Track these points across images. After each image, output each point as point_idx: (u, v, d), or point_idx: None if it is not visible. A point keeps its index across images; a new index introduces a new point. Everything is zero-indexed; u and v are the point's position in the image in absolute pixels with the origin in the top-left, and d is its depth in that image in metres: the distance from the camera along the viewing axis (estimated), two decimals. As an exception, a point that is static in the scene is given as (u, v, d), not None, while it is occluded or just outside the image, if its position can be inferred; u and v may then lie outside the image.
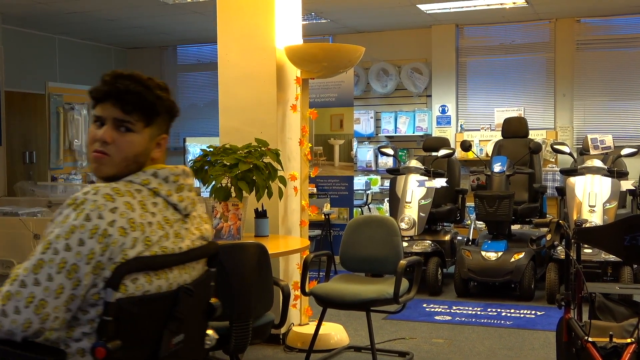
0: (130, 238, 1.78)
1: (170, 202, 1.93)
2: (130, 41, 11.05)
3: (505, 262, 6.30)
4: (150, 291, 1.83)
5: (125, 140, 1.89)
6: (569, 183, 6.59)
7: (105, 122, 1.90)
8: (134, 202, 1.83)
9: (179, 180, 1.97)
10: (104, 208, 1.76)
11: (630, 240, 3.24)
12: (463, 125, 9.75)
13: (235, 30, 5.03)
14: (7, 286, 1.74)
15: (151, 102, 1.90)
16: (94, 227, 1.73)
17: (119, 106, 1.87)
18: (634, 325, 3.05)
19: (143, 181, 1.90)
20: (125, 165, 1.90)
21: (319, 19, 9.21)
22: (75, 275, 1.73)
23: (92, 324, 1.77)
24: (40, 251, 1.75)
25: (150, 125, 1.92)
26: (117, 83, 1.88)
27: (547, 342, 5.00)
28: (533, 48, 9.65)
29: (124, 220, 1.77)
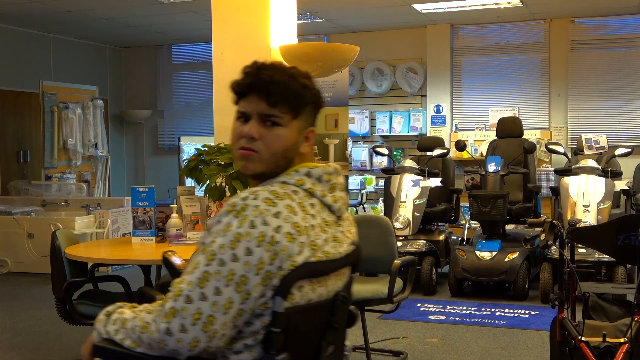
0: (297, 243, 1.65)
1: (325, 203, 1.79)
2: (125, 40, 11.03)
3: (499, 262, 6.31)
4: (313, 299, 1.71)
5: (273, 135, 1.76)
6: (563, 183, 6.61)
7: (250, 117, 1.78)
8: (294, 204, 1.69)
9: (332, 180, 1.82)
10: (267, 213, 1.63)
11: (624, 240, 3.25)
12: (458, 125, 9.76)
13: (230, 29, 5.02)
14: (170, 302, 1.61)
15: (297, 92, 1.76)
16: (261, 235, 1.61)
17: (264, 98, 1.75)
18: (627, 325, 3.06)
19: (297, 181, 1.76)
20: (274, 161, 1.77)
21: (314, 19, 9.21)
22: (245, 287, 1.60)
23: (255, 335, 1.66)
24: (205, 263, 1.61)
25: (298, 117, 1.78)
26: (261, 74, 1.77)
27: (541, 342, 5.01)
28: (528, 48, 9.66)
29: (289, 225, 1.65)
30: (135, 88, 11.66)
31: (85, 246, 4.40)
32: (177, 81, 11.55)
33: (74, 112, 10.02)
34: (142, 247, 4.11)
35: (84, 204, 8.48)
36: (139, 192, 4.26)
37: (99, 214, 8.03)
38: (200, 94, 11.27)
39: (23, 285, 7.40)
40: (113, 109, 11.36)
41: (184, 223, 4.15)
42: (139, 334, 1.64)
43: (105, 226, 7.91)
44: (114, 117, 11.38)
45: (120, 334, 1.69)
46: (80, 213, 8.20)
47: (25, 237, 7.98)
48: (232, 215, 1.64)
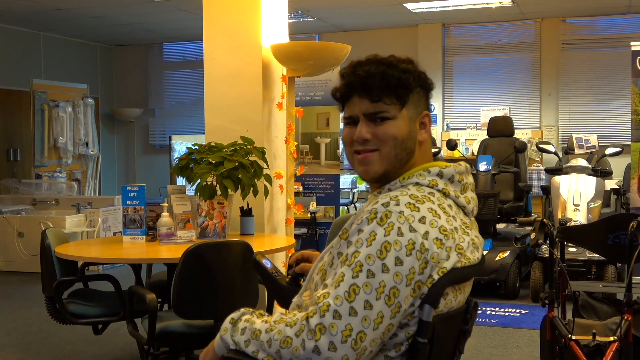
0: (445, 248, 1.55)
1: (459, 204, 1.69)
2: (116, 38, 11.00)
3: (490, 261, 6.32)
4: (453, 307, 1.63)
5: (386, 129, 1.65)
6: (554, 182, 6.62)
7: (357, 120, 1.68)
8: (435, 207, 1.60)
9: (464, 180, 1.72)
10: (412, 219, 1.53)
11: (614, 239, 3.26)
12: (449, 124, 9.78)
13: (221, 28, 5.01)
14: (316, 318, 1.47)
15: (399, 79, 1.65)
16: (410, 242, 1.50)
17: (365, 96, 1.66)
18: (617, 323, 3.07)
19: (431, 182, 1.66)
20: (394, 156, 1.66)
21: (305, 17, 9.20)
22: (395, 300, 1.49)
23: (399, 347, 1.56)
24: (351, 275, 1.49)
25: (406, 104, 1.67)
26: (357, 71, 1.67)
27: (531, 341, 5.02)
28: (519, 47, 9.68)
29: (436, 229, 1.55)
30: (126, 86, 11.63)
31: (76, 245, 4.38)
32: (168, 80, 11.53)
33: (64, 110, 9.98)
34: (133, 246, 4.10)
35: (74, 202, 8.45)
36: (130, 191, 4.24)
37: (90, 212, 8.01)
38: (191, 93, 11.24)
39: (13, 284, 7.37)
40: (104, 108, 11.33)
41: (175, 222, 4.14)
42: (278, 348, 1.50)
43: (95, 225, 7.88)
44: (104, 115, 11.34)
45: (252, 346, 1.55)
46: (70, 212, 8.17)
47: (15, 236, 7.94)
48: (376, 222, 1.53)
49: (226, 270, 3.31)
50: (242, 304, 3.37)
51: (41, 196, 8.93)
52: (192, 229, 4.14)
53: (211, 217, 4.17)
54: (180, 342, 3.41)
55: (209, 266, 3.27)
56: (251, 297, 3.46)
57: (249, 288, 3.44)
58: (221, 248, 3.36)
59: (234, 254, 3.37)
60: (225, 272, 3.30)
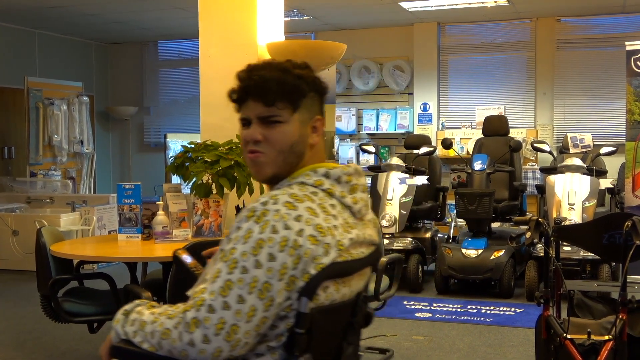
0: (322, 245, 1.63)
1: (345, 204, 1.76)
2: (111, 36, 10.98)
3: (485, 260, 6.33)
4: (337, 300, 1.71)
5: (277, 133, 1.74)
6: (549, 181, 6.64)
7: (251, 122, 1.77)
8: (314, 206, 1.67)
9: (352, 181, 1.80)
10: (288, 217, 1.61)
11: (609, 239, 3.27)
12: (444, 123, 9.79)
13: (217, 26, 5.01)
14: (192, 312, 1.58)
15: (292, 85, 1.74)
16: (283, 239, 1.59)
17: (259, 100, 1.74)
18: (612, 322, 3.08)
19: (315, 182, 1.74)
20: (283, 158, 1.75)
21: (301, 16, 9.20)
22: (268, 294, 1.58)
23: (279, 338, 1.65)
24: (227, 271, 1.59)
25: (298, 109, 1.76)
26: (252, 76, 1.75)
27: (526, 339, 5.04)
28: (514, 47, 9.69)
29: (311, 227, 1.62)
30: (121, 84, 11.61)
31: (71, 243, 4.37)
32: (163, 78, 11.50)
33: (59, 108, 9.95)
34: (128, 244, 4.09)
35: (69, 201, 8.43)
36: (125, 189, 4.24)
37: (85, 211, 7.99)
38: (186, 91, 11.22)
39: (7, 283, 7.35)
40: (99, 106, 11.31)
41: (170, 220, 4.14)
42: (159, 339, 1.61)
43: (90, 223, 7.87)
44: (99, 113, 11.32)
45: (139, 337, 1.65)
46: (65, 210, 8.15)
47: (9, 234, 7.93)
48: (253, 220, 1.61)
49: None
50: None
51: (36, 194, 8.91)
52: (188, 228, 4.14)
53: (207, 215, 4.17)
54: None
55: (205, 265, 3.25)
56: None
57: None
58: (217, 246, 3.35)
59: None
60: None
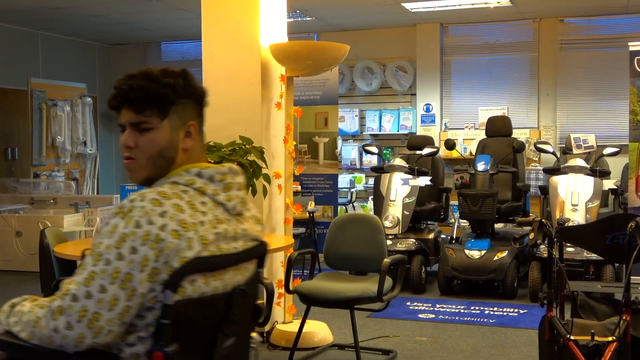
0: (184, 239, 1.72)
1: (218, 201, 1.86)
2: (114, 37, 10.99)
3: (488, 261, 6.32)
4: (207, 293, 1.78)
5: (146, 140, 1.84)
6: (552, 182, 6.63)
7: (126, 128, 1.87)
8: (182, 203, 1.76)
9: (226, 179, 1.89)
10: (152, 213, 1.70)
11: (612, 239, 3.27)
12: (447, 124, 9.78)
13: (220, 27, 5.01)
14: (58, 301, 1.69)
15: (157, 93, 1.84)
16: (145, 234, 1.68)
17: (131, 108, 1.84)
18: (616, 323, 3.07)
19: (188, 181, 1.84)
20: (153, 163, 1.86)
21: (304, 17, 9.20)
22: (130, 284, 1.67)
23: (148, 328, 1.73)
24: (92, 263, 1.70)
25: (168, 116, 1.86)
26: (122, 85, 1.86)
27: (529, 340, 5.03)
28: (517, 47, 9.68)
29: (174, 222, 1.71)
30: (125, 86, 11.61)
31: (74, 244, 4.38)
32: (166, 79, 11.50)
33: (62, 109, 9.97)
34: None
35: (72, 202, 8.45)
36: (128, 190, 4.24)
37: (88, 212, 8.00)
38: (189, 92, 11.22)
39: (11, 284, 7.36)
40: (102, 107, 11.31)
41: (174, 221, 4.14)
42: (32, 327, 1.72)
43: (94, 224, 7.87)
44: (102, 114, 11.32)
45: (18, 326, 1.76)
46: (69, 211, 8.16)
47: (13, 235, 7.94)
48: (119, 217, 1.71)
49: (225, 270, 3.30)
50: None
51: (39, 195, 8.93)
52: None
53: (210, 216, 4.17)
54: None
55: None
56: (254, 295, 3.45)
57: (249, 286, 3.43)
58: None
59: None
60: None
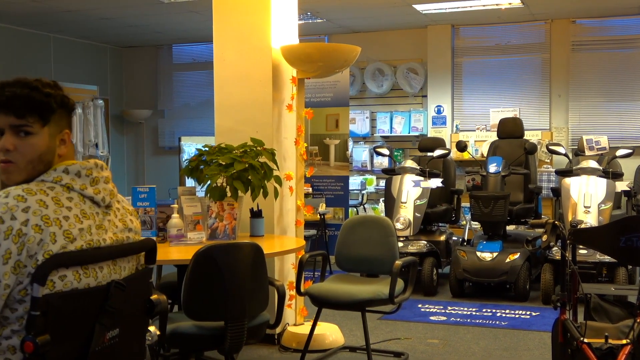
0: (47, 234, 1.80)
1: (86, 195, 1.95)
2: (126, 40, 11.03)
3: (500, 263, 6.30)
4: (78, 287, 1.85)
5: (27, 144, 1.92)
6: (564, 184, 6.60)
7: (4, 132, 1.93)
8: (46, 199, 1.85)
9: (92, 174, 1.99)
10: (16, 209, 1.79)
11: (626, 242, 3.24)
12: (458, 126, 9.76)
13: (231, 29, 5.02)
14: None
15: (41, 101, 1.92)
16: (8, 229, 1.77)
17: (11, 113, 1.90)
18: (630, 326, 3.05)
19: (55, 179, 1.92)
20: (32, 167, 1.93)
21: (315, 19, 9.20)
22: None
23: (21, 321, 1.80)
24: None
25: (48, 123, 1.95)
26: (5, 92, 1.91)
27: (542, 343, 5.01)
28: (528, 49, 9.65)
29: (37, 217, 1.80)
30: (136, 88, 11.66)
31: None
32: (177, 81, 11.54)
33: (74, 112, 10.01)
34: (143, 247, 4.10)
35: (84, 204, 8.47)
36: (140, 192, 4.25)
37: (100, 214, 8.01)
38: (200, 94, 11.26)
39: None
40: (113, 109, 11.36)
41: (185, 223, 4.14)
42: None
43: (105, 226, 7.88)
44: (114, 117, 11.37)
45: None
46: (80, 213, 8.18)
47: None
48: None
49: (236, 272, 3.31)
50: (252, 305, 3.38)
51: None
52: (202, 231, 4.15)
53: (221, 218, 4.17)
54: (191, 344, 3.41)
55: (220, 268, 3.27)
56: (261, 298, 3.46)
57: (259, 289, 3.44)
58: (231, 249, 3.36)
59: (244, 256, 3.37)
60: (235, 274, 3.30)
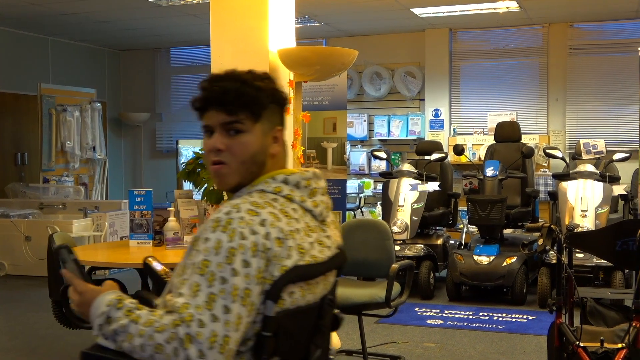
0: (286, 247, 1.67)
1: (305, 208, 1.81)
2: (124, 43, 11.03)
3: (497, 267, 6.30)
4: (302, 304, 1.73)
5: (238, 143, 1.78)
6: (561, 187, 6.60)
7: (214, 130, 1.80)
8: (275, 211, 1.71)
9: (311, 185, 1.84)
10: (253, 223, 1.64)
11: (622, 245, 3.25)
12: (456, 129, 9.76)
13: (229, 32, 5.02)
14: (184, 328, 1.55)
15: (253, 96, 1.78)
16: (253, 244, 1.62)
17: (222, 109, 1.77)
18: (625, 330, 3.06)
19: (275, 189, 1.78)
20: (245, 169, 1.79)
21: (312, 22, 9.21)
22: (249, 299, 1.61)
23: (247, 342, 1.66)
24: (207, 285, 1.58)
25: (260, 120, 1.80)
26: (214, 87, 1.80)
27: (538, 347, 5.00)
28: (526, 52, 9.66)
29: (276, 230, 1.66)
30: (134, 91, 11.66)
31: (83, 249, 4.39)
32: (175, 84, 11.54)
33: (72, 114, 10.01)
34: (140, 250, 4.10)
35: (81, 207, 8.47)
36: (137, 196, 4.25)
37: (97, 217, 8.02)
38: (198, 97, 11.25)
39: (20, 288, 7.39)
40: (111, 112, 11.36)
41: (182, 226, 4.14)
42: (153, 353, 1.57)
43: (102, 229, 7.89)
44: (112, 120, 11.37)
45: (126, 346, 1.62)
46: (77, 216, 8.19)
47: (22, 240, 7.96)
48: (220, 231, 1.64)
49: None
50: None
51: (48, 200, 8.96)
52: (199, 234, 4.14)
53: (218, 221, 4.17)
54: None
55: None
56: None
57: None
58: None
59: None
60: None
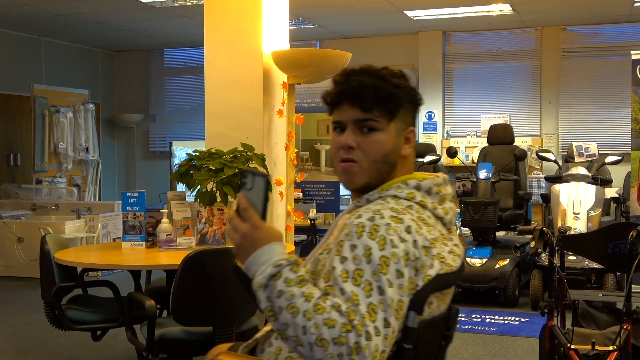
0: (430, 256, 1.60)
1: (437, 215, 1.72)
2: (117, 44, 11.02)
3: (489, 269, 6.31)
4: (436, 314, 1.67)
5: (371, 141, 1.69)
6: (554, 190, 6.62)
7: (345, 127, 1.71)
8: (415, 218, 1.63)
9: (441, 191, 1.76)
10: (400, 230, 1.56)
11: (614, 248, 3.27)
12: (449, 132, 9.78)
13: (222, 34, 5.02)
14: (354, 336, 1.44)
15: (390, 93, 1.69)
16: (405, 253, 1.54)
17: (356, 105, 1.68)
18: (617, 332, 3.07)
19: (408, 195, 1.70)
20: (376, 168, 1.71)
21: (306, 24, 9.22)
22: (402, 312, 1.54)
23: (382, 355, 1.50)
24: (364, 295, 1.48)
25: (394, 118, 1.71)
26: (350, 80, 1.70)
27: (530, 349, 5.01)
28: (519, 55, 9.70)
29: (421, 238, 1.59)
30: (127, 92, 11.64)
31: (75, 251, 4.37)
32: (168, 85, 11.54)
33: (65, 115, 9.99)
34: (132, 252, 4.09)
35: (74, 208, 8.45)
36: (130, 197, 4.24)
37: (89, 218, 8.00)
38: (191, 99, 11.25)
39: (12, 290, 7.36)
40: (104, 113, 11.34)
41: (175, 228, 4.14)
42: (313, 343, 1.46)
43: (95, 231, 7.87)
44: (105, 121, 11.35)
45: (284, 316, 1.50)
46: (70, 217, 8.17)
47: (14, 241, 7.93)
48: (367, 237, 1.54)
49: (225, 277, 3.30)
50: (242, 311, 3.38)
51: (41, 201, 8.93)
52: (192, 236, 4.14)
53: (211, 223, 4.17)
54: (179, 349, 3.40)
55: (209, 273, 3.26)
56: (251, 304, 3.45)
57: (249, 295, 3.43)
58: (221, 255, 3.35)
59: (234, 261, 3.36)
60: (224, 279, 3.30)
